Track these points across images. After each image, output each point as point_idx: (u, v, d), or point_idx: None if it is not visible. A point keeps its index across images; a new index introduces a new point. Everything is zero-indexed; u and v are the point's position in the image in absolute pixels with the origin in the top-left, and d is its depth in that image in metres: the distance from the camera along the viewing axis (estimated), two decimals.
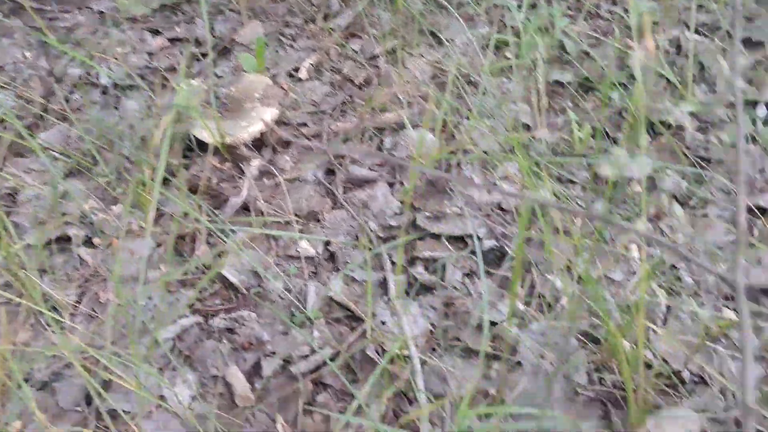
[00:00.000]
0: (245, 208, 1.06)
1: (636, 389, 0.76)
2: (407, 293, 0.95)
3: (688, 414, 0.74)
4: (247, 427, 0.82)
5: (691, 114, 1.17)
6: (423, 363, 0.85)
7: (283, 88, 1.25)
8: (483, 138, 1.13)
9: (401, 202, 1.06)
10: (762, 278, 0.95)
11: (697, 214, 1.04)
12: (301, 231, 1.03)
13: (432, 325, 0.92)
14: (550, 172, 1.09)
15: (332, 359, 0.86)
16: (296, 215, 1.05)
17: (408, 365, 0.84)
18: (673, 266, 0.98)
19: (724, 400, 0.78)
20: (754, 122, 1.16)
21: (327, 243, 1.01)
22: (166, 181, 1.04)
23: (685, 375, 0.83)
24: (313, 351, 0.88)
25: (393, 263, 0.98)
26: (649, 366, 0.85)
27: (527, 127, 1.18)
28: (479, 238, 1.00)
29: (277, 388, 0.85)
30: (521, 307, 0.92)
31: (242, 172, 1.12)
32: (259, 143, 1.15)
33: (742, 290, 0.38)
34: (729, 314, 0.91)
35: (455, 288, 0.95)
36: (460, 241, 1.02)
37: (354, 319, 0.93)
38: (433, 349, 0.89)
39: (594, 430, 0.78)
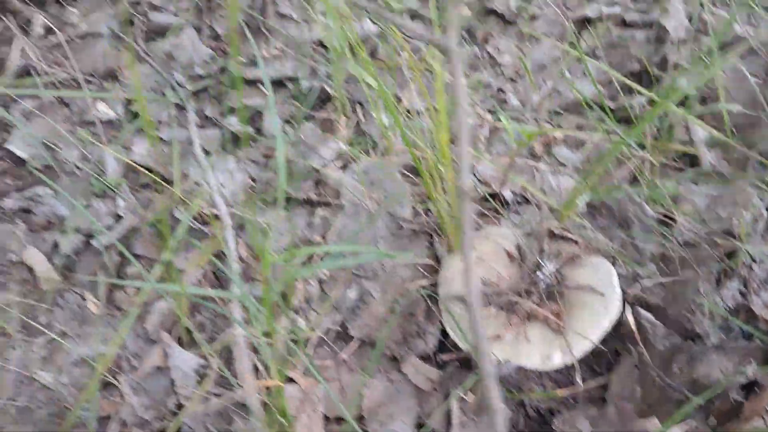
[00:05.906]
0: (29, 73, 0.92)
1: (453, 216, 0.75)
2: (224, 148, 0.88)
3: (500, 231, 0.73)
4: (56, 311, 0.75)
5: None
6: (238, 220, 0.80)
7: None
8: None
9: (211, 49, 0.95)
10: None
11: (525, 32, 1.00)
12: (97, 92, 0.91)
13: (252, 179, 0.85)
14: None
15: (140, 228, 0.79)
16: (91, 75, 0.92)
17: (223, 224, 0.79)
18: (501, 90, 0.95)
19: (540, 214, 0.79)
20: None
21: (128, 102, 0.90)
22: None
23: (508, 196, 0.83)
24: (117, 221, 0.80)
25: (208, 118, 0.89)
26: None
27: None
28: (297, 80, 0.92)
29: (83, 264, 0.78)
30: (345, 147, 0.87)
31: (26, 32, 0.96)
32: None
33: None
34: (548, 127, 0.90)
35: (275, 137, 0.89)
36: (278, 85, 0.94)
37: (166, 182, 0.85)
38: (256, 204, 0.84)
39: (417, 259, 0.77)
